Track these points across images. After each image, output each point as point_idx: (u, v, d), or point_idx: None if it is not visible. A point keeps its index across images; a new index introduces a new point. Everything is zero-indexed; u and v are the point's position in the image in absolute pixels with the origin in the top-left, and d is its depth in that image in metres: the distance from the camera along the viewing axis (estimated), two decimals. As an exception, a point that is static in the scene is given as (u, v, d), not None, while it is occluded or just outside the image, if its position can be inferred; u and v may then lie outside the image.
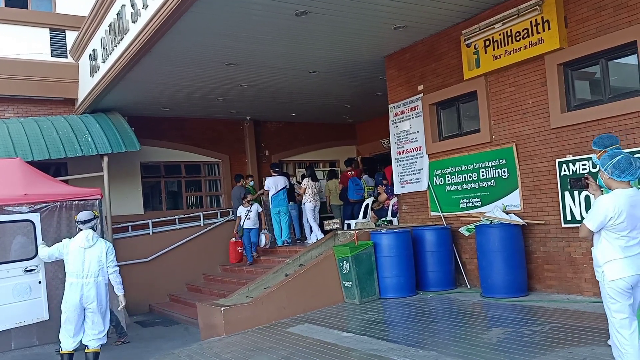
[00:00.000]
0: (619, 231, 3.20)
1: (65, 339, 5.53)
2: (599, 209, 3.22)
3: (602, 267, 3.27)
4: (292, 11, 6.42)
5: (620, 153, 3.33)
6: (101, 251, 5.58)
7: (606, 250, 3.25)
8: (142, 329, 8.71)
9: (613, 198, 3.21)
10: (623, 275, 3.19)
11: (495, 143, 7.03)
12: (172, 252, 10.86)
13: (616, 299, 3.21)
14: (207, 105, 11.45)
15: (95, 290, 5.49)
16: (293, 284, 6.95)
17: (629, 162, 3.24)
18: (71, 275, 5.52)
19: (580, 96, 6.25)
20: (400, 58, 8.45)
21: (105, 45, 8.86)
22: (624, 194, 3.23)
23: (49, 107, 11.11)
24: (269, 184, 10.28)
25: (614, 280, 3.21)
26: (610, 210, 3.18)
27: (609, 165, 3.28)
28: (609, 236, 3.23)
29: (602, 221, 3.21)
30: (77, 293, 5.45)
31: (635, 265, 3.21)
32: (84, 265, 5.49)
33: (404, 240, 7.24)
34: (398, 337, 5.31)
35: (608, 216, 3.18)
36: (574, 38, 6.03)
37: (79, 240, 5.59)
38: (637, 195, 3.28)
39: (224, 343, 6.09)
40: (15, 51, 10.74)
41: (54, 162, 10.25)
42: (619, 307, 3.21)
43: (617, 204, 3.18)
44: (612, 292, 3.22)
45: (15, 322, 6.63)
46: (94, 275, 5.50)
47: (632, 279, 3.19)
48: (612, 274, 3.21)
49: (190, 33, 7.00)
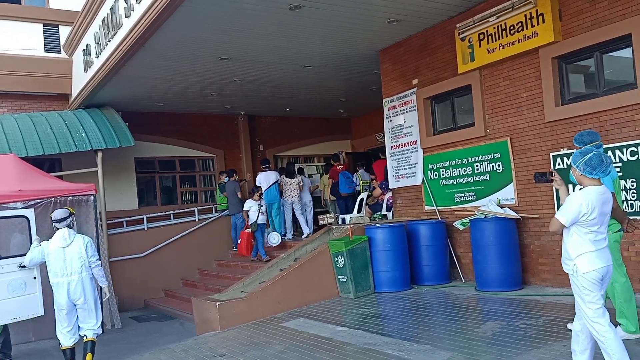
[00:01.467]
0: (589, 226, 3.30)
1: (62, 336, 5.58)
2: (573, 205, 3.29)
3: (574, 260, 3.36)
4: (285, 5, 6.38)
5: (592, 150, 3.40)
6: (80, 247, 5.57)
7: (578, 244, 3.34)
8: (137, 324, 8.71)
9: (586, 195, 3.30)
10: (595, 267, 3.29)
11: (490, 137, 7.04)
12: (167, 247, 10.84)
13: (590, 290, 3.30)
14: (201, 100, 11.40)
15: (82, 286, 5.52)
16: (288, 279, 6.95)
17: (600, 160, 3.31)
18: (55, 276, 5.51)
19: (575, 90, 6.25)
20: (395, 52, 8.43)
21: (98, 40, 8.80)
22: (595, 191, 3.31)
23: (42, 102, 11.04)
24: (260, 179, 10.35)
25: (588, 272, 3.30)
26: (584, 207, 3.26)
27: (581, 162, 3.35)
28: (580, 231, 3.33)
29: (576, 217, 3.29)
30: (64, 292, 5.48)
31: (604, 258, 3.34)
32: (65, 263, 5.50)
33: (399, 235, 7.26)
34: (393, 331, 5.33)
35: (582, 212, 3.27)
36: (569, 31, 6.03)
37: (57, 240, 5.56)
38: (607, 193, 3.39)
39: (219, 338, 6.09)
40: (9, 47, 10.66)
41: (48, 158, 10.20)
42: (592, 298, 3.30)
43: (590, 200, 3.27)
44: (587, 284, 3.31)
45: (11, 317, 6.60)
46: (78, 272, 5.52)
47: (603, 270, 3.31)
48: (584, 267, 3.31)
49: (184, 27, 6.96)
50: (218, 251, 11.22)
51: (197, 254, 10.99)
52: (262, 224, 9.74)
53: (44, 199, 7.39)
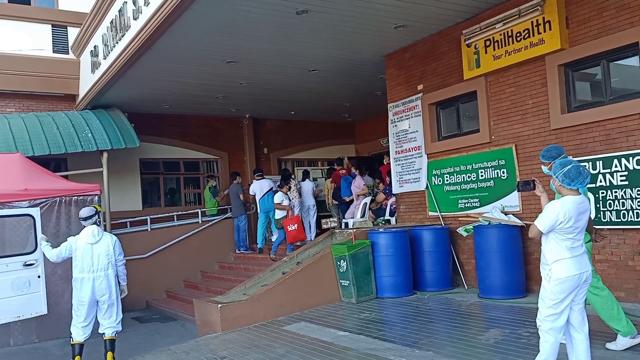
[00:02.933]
0: (566, 234, 3.46)
1: (76, 331, 5.62)
2: (551, 213, 3.46)
3: (551, 266, 3.50)
4: (292, 9, 6.41)
5: (571, 162, 3.57)
6: (108, 245, 5.67)
7: (555, 250, 3.50)
8: (139, 325, 8.72)
9: (563, 204, 3.46)
10: (569, 274, 3.44)
11: (495, 143, 7.02)
12: (170, 248, 10.86)
13: (556, 296, 3.46)
14: (206, 103, 11.44)
15: (107, 282, 5.62)
16: (290, 282, 6.95)
17: (578, 172, 3.48)
18: (82, 271, 5.59)
19: (581, 97, 6.23)
20: (400, 57, 8.44)
21: (106, 41, 8.86)
22: (573, 201, 3.48)
23: (50, 102, 11.12)
24: (254, 188, 10.48)
25: (560, 278, 3.45)
26: (560, 215, 3.43)
27: (560, 173, 3.52)
28: (557, 237, 3.48)
29: (553, 224, 3.45)
30: (89, 287, 5.55)
31: (580, 264, 3.49)
32: (93, 260, 5.59)
33: (402, 240, 7.24)
34: (395, 337, 5.30)
35: (559, 220, 3.43)
36: (575, 39, 6.02)
37: (85, 236, 5.64)
38: (584, 202, 3.55)
39: (220, 340, 6.09)
40: (18, 47, 10.75)
41: (54, 158, 10.26)
42: (553, 304, 3.47)
43: (567, 209, 3.43)
44: (555, 289, 3.46)
45: (14, 316, 6.65)
46: (104, 268, 5.61)
47: (578, 277, 3.46)
48: (560, 273, 3.46)
49: (191, 30, 7.00)
50: (220, 253, 11.22)
51: (200, 255, 11.00)
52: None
53: (49, 198, 7.43)
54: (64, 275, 7.52)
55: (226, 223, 11.50)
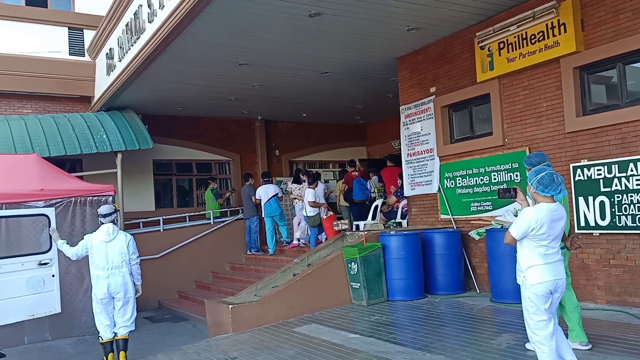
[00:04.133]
0: (539, 240, 3.49)
1: (103, 329, 5.71)
2: (524, 220, 3.50)
3: (525, 272, 3.55)
4: (305, 12, 6.43)
5: (545, 170, 3.60)
6: (122, 244, 5.73)
7: (528, 257, 3.54)
8: (151, 325, 8.79)
9: (536, 211, 3.50)
10: (543, 280, 3.46)
11: (508, 146, 6.97)
12: (182, 249, 10.93)
13: (534, 302, 3.48)
14: (219, 105, 11.53)
15: (122, 280, 5.67)
16: (301, 284, 6.95)
17: (551, 179, 3.53)
18: (97, 269, 5.66)
19: (597, 100, 6.16)
20: (413, 60, 8.42)
21: (121, 44, 8.97)
22: (546, 208, 3.50)
23: (65, 104, 11.28)
24: (260, 192, 10.55)
25: (535, 284, 3.48)
26: (533, 222, 3.46)
27: (534, 181, 3.58)
28: (531, 244, 3.52)
29: (525, 231, 3.49)
30: (104, 285, 5.63)
31: (554, 271, 3.50)
32: (107, 258, 5.65)
33: (413, 243, 7.21)
34: (405, 340, 5.28)
35: (531, 227, 3.47)
36: (591, 41, 5.96)
37: (100, 234, 5.72)
38: (559, 210, 3.57)
39: (231, 341, 6.12)
40: (35, 49, 10.93)
41: (70, 158, 10.41)
42: (536, 310, 3.48)
43: (539, 216, 3.46)
44: (533, 296, 3.49)
45: (29, 314, 6.73)
46: (119, 266, 5.67)
47: (551, 284, 3.47)
48: (533, 279, 3.49)
49: (205, 33, 7.06)
50: (232, 254, 11.27)
51: (211, 256, 11.06)
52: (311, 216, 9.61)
53: (64, 198, 7.53)
54: (78, 275, 7.62)
55: (237, 224, 11.55)
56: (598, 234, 5.87)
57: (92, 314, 5.82)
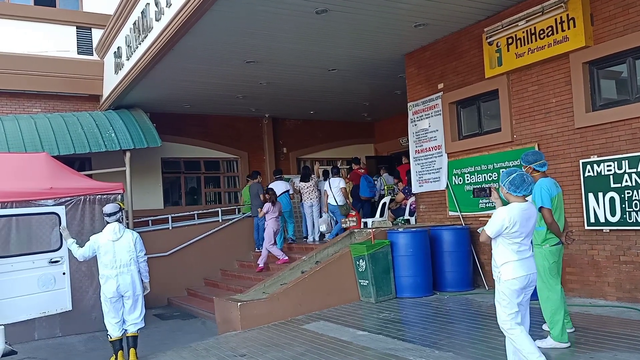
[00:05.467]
0: (512, 238, 3.68)
1: (112, 327, 5.75)
2: (497, 219, 3.69)
3: (500, 268, 3.74)
4: (312, 9, 6.42)
5: (516, 171, 3.77)
6: (129, 242, 5.76)
7: (503, 254, 3.73)
8: (160, 322, 8.85)
9: (509, 210, 3.69)
10: (516, 275, 3.67)
11: (517, 142, 6.92)
12: (191, 247, 10.98)
13: (507, 297, 3.69)
14: (227, 103, 11.55)
15: (130, 278, 5.71)
16: (309, 281, 6.97)
17: (522, 180, 3.72)
18: (105, 268, 5.70)
19: (606, 95, 6.10)
20: (421, 56, 8.38)
21: (129, 43, 9.02)
22: (518, 207, 3.70)
23: (74, 103, 11.37)
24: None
25: (508, 279, 3.68)
26: (506, 221, 3.65)
27: (506, 182, 3.76)
28: (505, 242, 3.71)
29: (499, 229, 3.68)
30: (113, 284, 5.66)
31: (526, 267, 3.70)
32: (115, 257, 5.68)
33: (421, 240, 7.19)
34: (414, 337, 5.28)
35: (504, 225, 3.66)
36: (600, 36, 5.89)
37: (107, 233, 5.75)
38: (530, 209, 3.77)
39: (240, 338, 6.14)
40: (44, 48, 11.02)
41: (79, 157, 10.50)
42: (508, 303, 3.69)
43: (512, 215, 3.66)
44: (507, 290, 3.69)
45: (40, 311, 6.80)
46: (127, 265, 5.70)
47: (524, 279, 3.68)
48: (507, 274, 3.69)
49: (212, 31, 7.07)
50: (240, 252, 11.30)
51: (220, 254, 11.10)
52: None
53: (74, 196, 7.60)
54: (88, 272, 7.69)
55: (246, 222, 11.58)
56: (608, 230, 5.82)
57: (102, 311, 5.87)
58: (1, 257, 6.61)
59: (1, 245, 6.87)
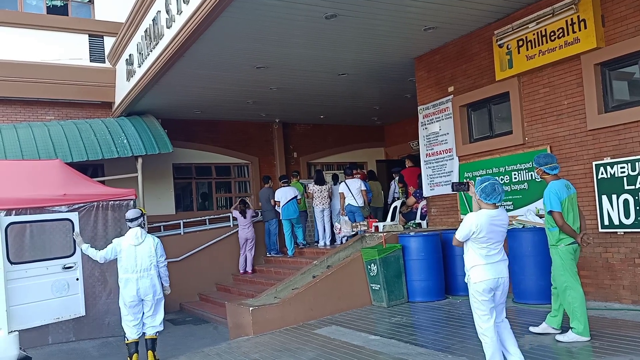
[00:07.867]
0: (480, 243, 3.85)
1: (129, 330, 5.84)
2: (465, 225, 3.88)
3: (469, 271, 3.91)
4: (321, 14, 6.45)
5: (489, 180, 3.93)
6: (150, 247, 5.87)
7: (472, 257, 3.91)
8: (173, 327, 8.89)
9: (477, 217, 3.86)
10: (484, 278, 3.83)
11: (529, 145, 6.87)
12: (202, 252, 11.04)
13: (477, 298, 3.86)
14: (237, 108, 11.62)
15: (150, 282, 5.81)
16: (320, 286, 6.96)
17: (493, 188, 3.88)
18: (126, 272, 5.79)
19: (619, 97, 6.04)
20: (430, 59, 8.37)
21: (141, 50, 9.12)
22: (487, 214, 3.87)
23: (87, 110, 11.52)
24: (279, 195, 10.55)
25: (477, 282, 3.84)
26: (473, 226, 3.84)
27: (479, 189, 3.93)
28: (474, 246, 3.89)
29: (467, 234, 3.87)
30: (134, 287, 5.76)
31: (495, 270, 3.85)
32: (136, 261, 5.79)
33: (433, 244, 7.16)
34: (426, 342, 5.25)
35: (472, 231, 3.84)
36: (612, 37, 5.84)
37: (129, 237, 5.85)
38: (500, 215, 3.93)
39: (252, 343, 6.16)
40: (56, 57, 11.19)
41: (92, 163, 10.61)
42: (479, 305, 3.86)
43: (479, 222, 3.82)
44: (475, 292, 3.86)
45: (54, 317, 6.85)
46: (147, 269, 5.80)
47: (492, 282, 3.83)
48: (475, 277, 3.86)
49: (222, 37, 7.13)
50: (252, 256, 11.33)
51: (232, 259, 11.14)
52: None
53: (87, 203, 7.69)
54: (101, 278, 7.76)
55: (257, 227, 11.61)
56: (622, 232, 5.75)
57: (115, 316, 5.94)
58: (15, 263, 6.68)
59: (15, 251, 6.95)
